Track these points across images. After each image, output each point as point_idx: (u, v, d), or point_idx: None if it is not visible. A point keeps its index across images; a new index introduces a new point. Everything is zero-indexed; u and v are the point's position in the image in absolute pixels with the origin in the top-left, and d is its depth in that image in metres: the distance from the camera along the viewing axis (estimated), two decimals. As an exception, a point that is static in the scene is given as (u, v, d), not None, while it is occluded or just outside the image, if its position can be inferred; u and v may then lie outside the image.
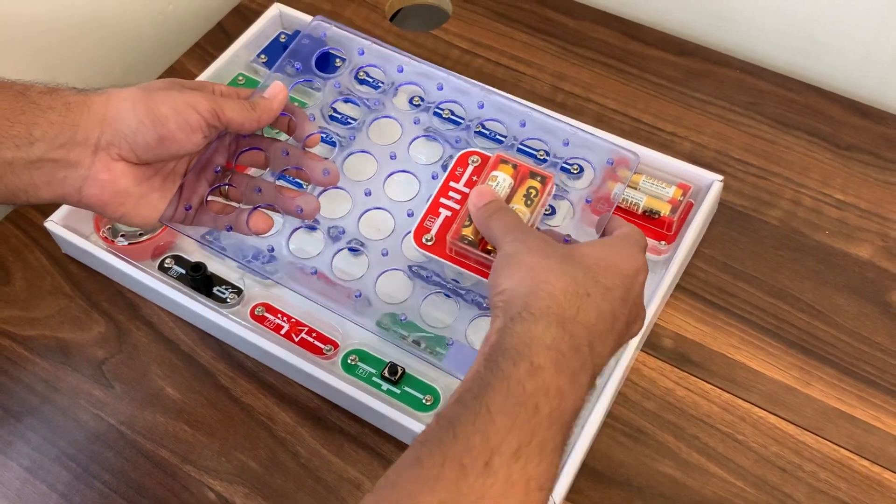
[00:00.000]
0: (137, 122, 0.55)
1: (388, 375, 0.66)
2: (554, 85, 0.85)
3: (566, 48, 0.88)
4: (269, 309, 0.70)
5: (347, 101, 0.71)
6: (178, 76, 0.86)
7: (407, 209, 0.64)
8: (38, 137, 0.53)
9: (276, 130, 0.69)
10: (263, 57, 0.84)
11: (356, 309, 0.61)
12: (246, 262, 0.63)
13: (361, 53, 0.70)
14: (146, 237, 0.71)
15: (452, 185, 0.62)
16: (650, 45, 0.88)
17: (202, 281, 0.70)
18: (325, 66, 0.71)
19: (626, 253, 0.52)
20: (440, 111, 0.70)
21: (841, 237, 0.74)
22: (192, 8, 0.93)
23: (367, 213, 0.65)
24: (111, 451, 0.65)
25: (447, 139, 0.68)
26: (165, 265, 0.72)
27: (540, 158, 0.68)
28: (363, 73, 0.74)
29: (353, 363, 0.67)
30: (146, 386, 0.68)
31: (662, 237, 0.71)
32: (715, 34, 0.89)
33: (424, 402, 0.65)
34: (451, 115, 0.71)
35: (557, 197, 0.66)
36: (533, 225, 0.59)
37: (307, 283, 0.63)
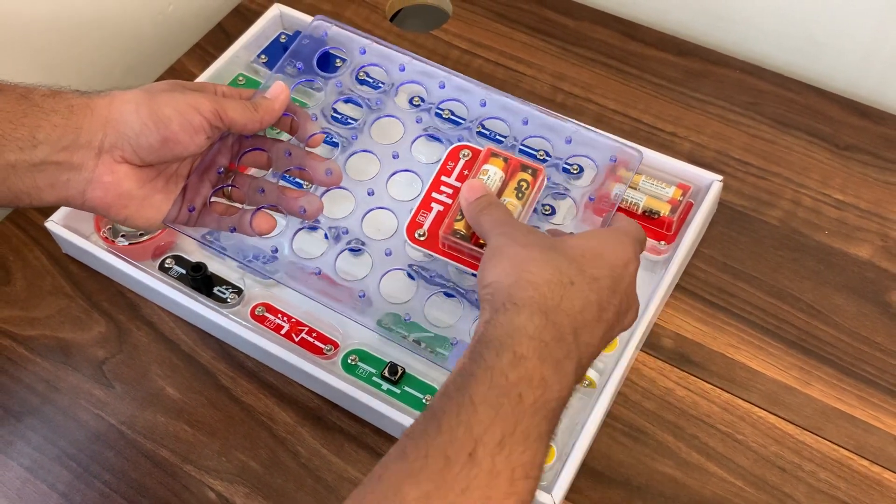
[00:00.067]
0: (140, 124, 0.55)
1: (388, 375, 0.66)
2: (554, 85, 0.85)
3: (566, 48, 0.88)
4: (269, 309, 0.70)
5: (348, 101, 0.71)
6: (178, 76, 0.86)
7: (410, 208, 0.64)
8: (41, 140, 0.53)
9: (277, 131, 0.69)
10: (264, 57, 0.84)
11: (359, 309, 0.61)
12: (247, 262, 0.63)
13: (363, 52, 0.70)
14: (146, 237, 0.72)
15: (444, 179, 0.62)
16: (650, 45, 0.88)
17: (202, 281, 0.70)
18: (325, 66, 0.71)
19: (614, 243, 0.52)
20: (441, 111, 0.69)
21: (840, 237, 0.74)
22: (192, 8, 0.93)
23: (370, 212, 0.65)
24: (111, 450, 0.65)
25: (449, 138, 0.68)
26: (166, 265, 0.72)
27: (540, 159, 0.68)
28: (364, 73, 0.74)
29: (353, 363, 0.67)
30: (146, 386, 0.68)
31: (662, 237, 0.71)
32: (714, 34, 0.89)
33: (425, 401, 0.65)
34: (451, 115, 0.71)
35: (560, 195, 0.66)
36: (525, 218, 0.59)
37: (310, 283, 0.62)
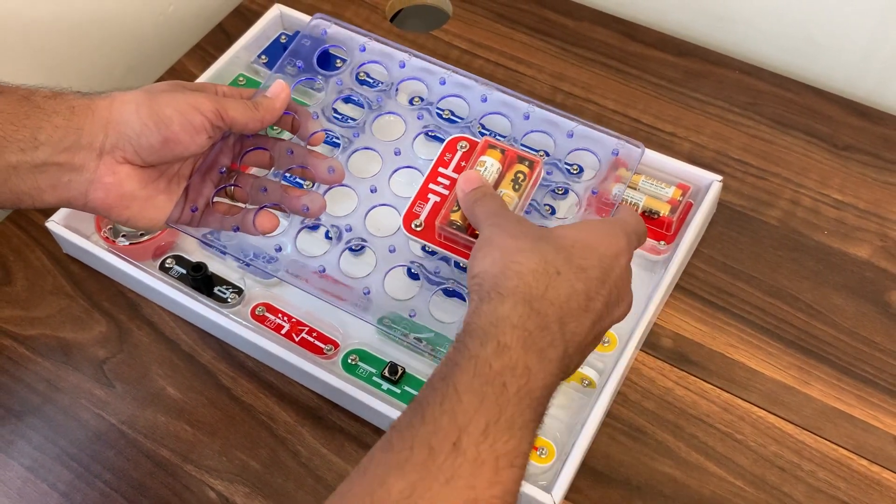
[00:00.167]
0: (141, 124, 0.55)
1: (388, 375, 0.66)
2: (553, 85, 0.85)
3: (566, 49, 0.88)
4: (269, 309, 0.70)
5: (349, 101, 0.71)
6: (178, 77, 0.86)
7: None
8: (42, 141, 0.53)
9: (278, 130, 0.69)
10: (264, 58, 0.84)
11: (362, 306, 0.61)
12: (249, 261, 0.63)
13: (363, 50, 0.70)
14: (147, 237, 0.72)
15: (441, 170, 0.62)
16: (649, 45, 0.88)
17: (203, 281, 0.70)
18: (325, 64, 0.71)
19: (605, 234, 0.51)
20: (441, 110, 0.70)
21: (839, 237, 0.74)
22: (192, 9, 0.93)
23: (372, 209, 0.65)
24: (112, 450, 0.65)
25: (450, 135, 0.68)
26: (166, 265, 0.72)
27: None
28: (363, 73, 0.74)
29: (353, 363, 0.67)
30: (147, 385, 0.68)
31: (662, 237, 0.72)
32: (714, 35, 0.90)
33: (425, 401, 0.65)
34: (451, 115, 0.71)
35: (561, 196, 0.66)
36: (521, 209, 0.59)
37: (313, 281, 0.62)
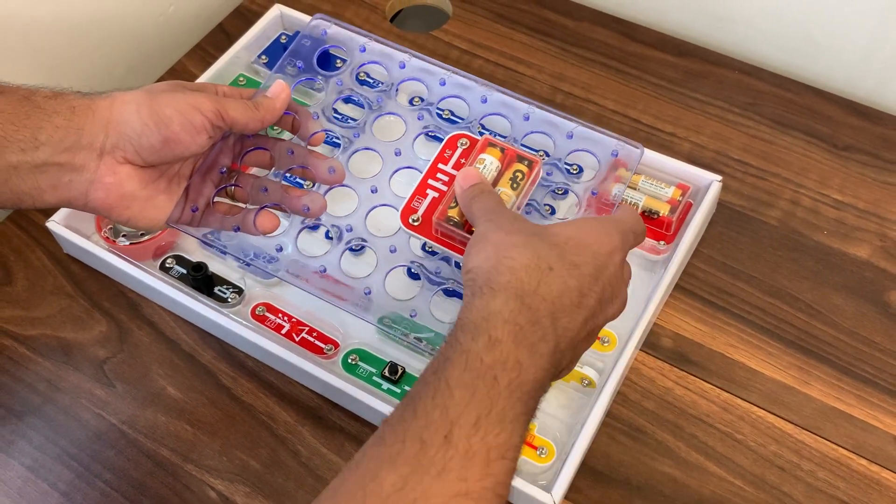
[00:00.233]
0: (142, 124, 0.55)
1: (388, 375, 0.66)
2: (553, 86, 0.86)
3: (565, 49, 0.88)
4: (269, 309, 0.70)
5: (349, 101, 0.71)
6: (179, 77, 0.86)
7: None
8: (43, 141, 0.53)
9: (278, 130, 0.69)
10: (264, 58, 0.84)
11: (363, 305, 0.61)
12: (249, 261, 0.63)
13: (363, 50, 0.70)
14: (147, 237, 0.72)
15: (441, 166, 0.62)
16: (649, 45, 0.88)
17: (203, 281, 0.70)
18: (325, 64, 0.71)
19: (600, 232, 0.51)
20: (441, 111, 0.70)
21: (839, 237, 0.74)
22: (192, 9, 0.93)
23: (373, 209, 0.65)
24: (112, 450, 0.65)
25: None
26: (167, 265, 0.72)
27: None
28: (364, 73, 0.74)
29: (353, 363, 0.67)
30: (147, 385, 0.68)
31: (661, 237, 0.72)
32: (714, 35, 0.90)
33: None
34: (451, 115, 0.71)
35: (560, 196, 0.66)
36: (519, 208, 0.60)
37: (314, 280, 0.63)
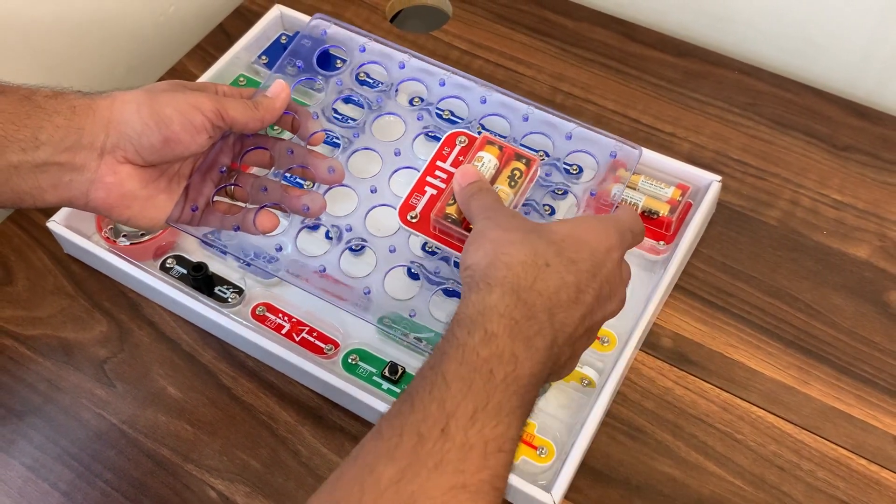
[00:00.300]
0: (142, 124, 0.55)
1: (388, 375, 0.66)
2: (553, 86, 0.86)
3: (565, 49, 0.88)
4: (270, 309, 0.70)
5: (348, 101, 0.71)
6: (179, 77, 0.86)
7: None
8: (43, 141, 0.53)
9: (278, 130, 0.69)
10: (264, 58, 0.84)
11: (363, 305, 0.61)
12: (249, 260, 0.63)
13: (362, 50, 0.70)
14: (148, 237, 0.72)
15: (439, 164, 0.62)
16: (649, 46, 0.88)
17: (203, 281, 0.70)
18: (325, 66, 0.71)
19: (598, 229, 0.52)
20: (441, 111, 0.70)
21: (838, 237, 0.75)
22: (193, 9, 0.93)
23: (372, 209, 0.65)
24: (113, 449, 0.65)
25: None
26: (167, 265, 0.72)
27: None
28: (364, 74, 0.74)
29: (353, 362, 0.67)
30: (148, 385, 0.68)
31: (661, 237, 0.72)
32: (713, 35, 0.90)
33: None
34: (451, 115, 0.71)
35: (560, 196, 0.66)
36: (516, 206, 0.60)
37: (314, 280, 0.63)
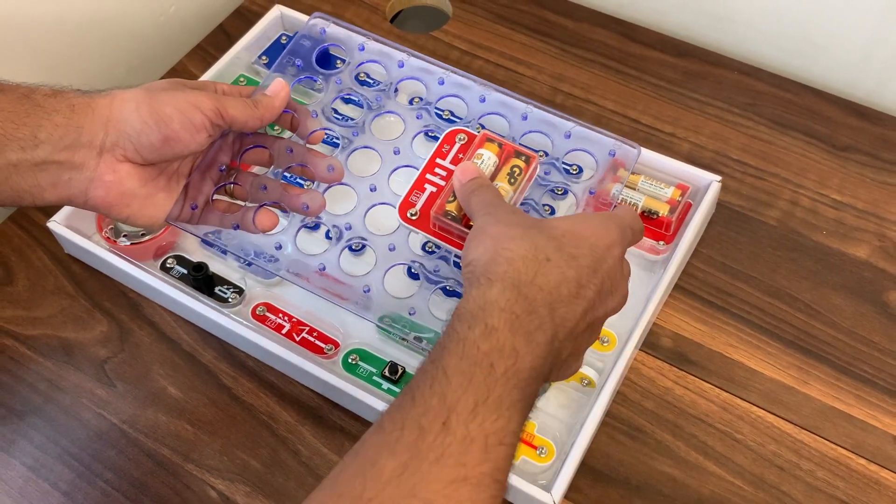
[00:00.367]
0: (141, 122, 0.55)
1: (388, 374, 0.66)
2: (553, 86, 0.86)
3: (565, 49, 0.89)
4: (270, 309, 0.70)
5: (348, 100, 0.71)
6: (179, 77, 0.86)
7: None
8: (42, 139, 0.53)
9: (277, 129, 0.69)
10: (264, 58, 0.84)
11: (363, 304, 0.62)
12: (250, 259, 0.63)
13: (361, 49, 0.70)
14: (148, 237, 0.72)
15: (439, 161, 0.62)
16: (649, 46, 0.89)
17: (204, 281, 0.70)
18: (325, 65, 0.71)
19: (598, 226, 0.52)
20: (440, 111, 0.70)
21: (838, 237, 0.75)
22: (193, 9, 0.93)
23: (372, 208, 0.65)
24: (113, 449, 0.65)
25: None
26: (167, 265, 0.72)
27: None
28: (363, 73, 0.74)
29: (353, 362, 0.67)
30: (148, 385, 0.68)
31: (661, 237, 0.72)
32: (713, 36, 0.90)
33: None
34: (450, 115, 0.71)
35: (560, 196, 0.66)
36: (516, 203, 0.60)
37: (314, 279, 0.63)
